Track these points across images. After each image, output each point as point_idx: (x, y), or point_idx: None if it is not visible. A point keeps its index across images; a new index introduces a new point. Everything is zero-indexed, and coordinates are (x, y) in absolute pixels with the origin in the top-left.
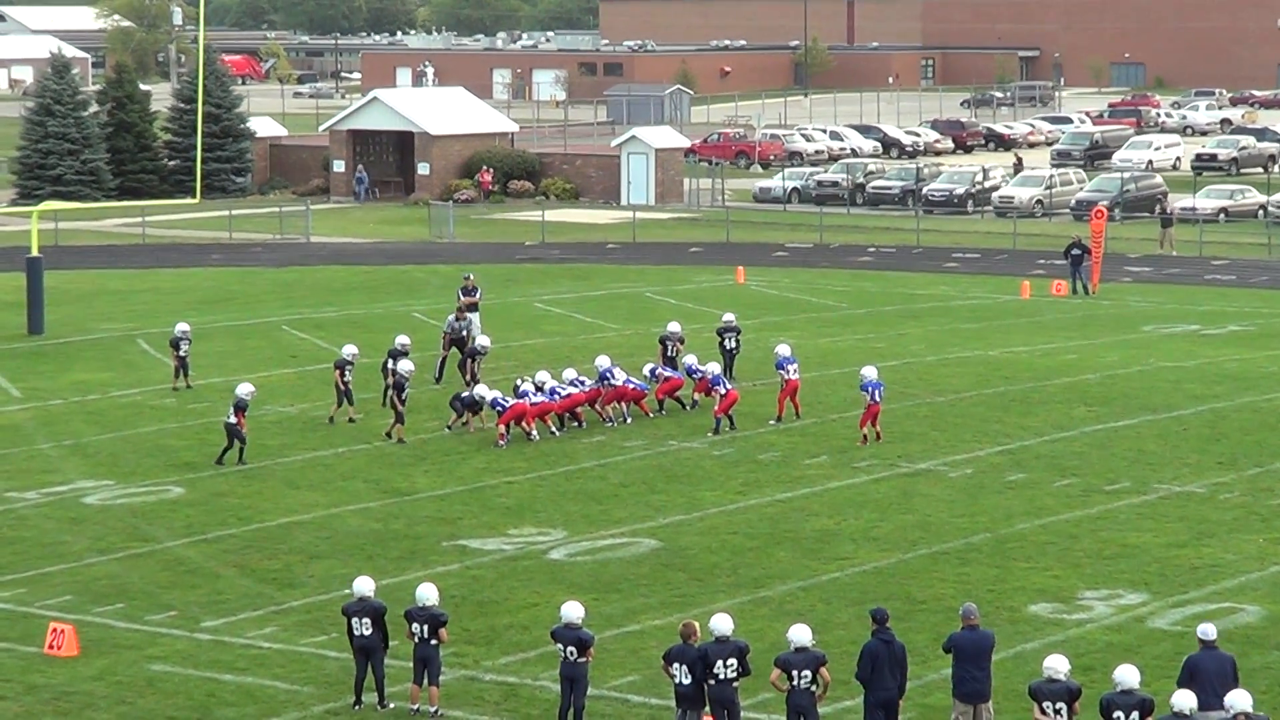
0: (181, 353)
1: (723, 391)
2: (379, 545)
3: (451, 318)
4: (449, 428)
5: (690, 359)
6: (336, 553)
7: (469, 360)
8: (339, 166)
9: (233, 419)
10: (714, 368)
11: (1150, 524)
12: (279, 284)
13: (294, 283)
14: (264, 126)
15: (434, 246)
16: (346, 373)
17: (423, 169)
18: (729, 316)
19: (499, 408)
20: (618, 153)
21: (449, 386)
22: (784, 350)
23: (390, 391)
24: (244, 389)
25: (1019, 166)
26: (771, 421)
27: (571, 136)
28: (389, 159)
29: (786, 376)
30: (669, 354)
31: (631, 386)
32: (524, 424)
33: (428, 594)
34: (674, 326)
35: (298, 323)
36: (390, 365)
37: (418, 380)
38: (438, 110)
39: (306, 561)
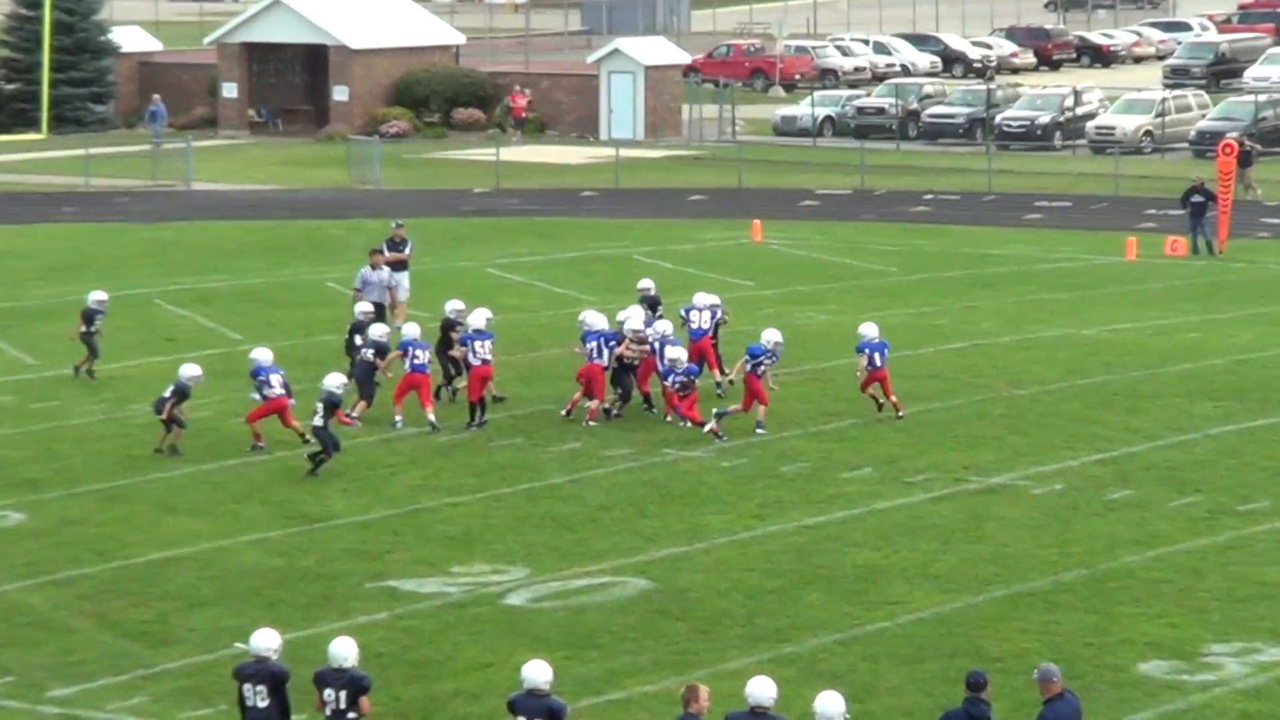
0: (93, 328)
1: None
2: (282, 588)
3: (365, 269)
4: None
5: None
6: (225, 598)
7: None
8: (230, 91)
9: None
10: (664, 326)
11: None
12: (152, 244)
13: (171, 243)
14: (131, 39)
15: (355, 195)
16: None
17: (340, 94)
18: (705, 296)
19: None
20: (596, 71)
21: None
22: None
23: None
24: (189, 371)
25: (991, 78)
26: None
27: (534, 51)
28: (295, 80)
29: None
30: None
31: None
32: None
33: (345, 651)
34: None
35: (176, 295)
36: (357, 341)
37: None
38: (359, 17)
39: (186, 610)
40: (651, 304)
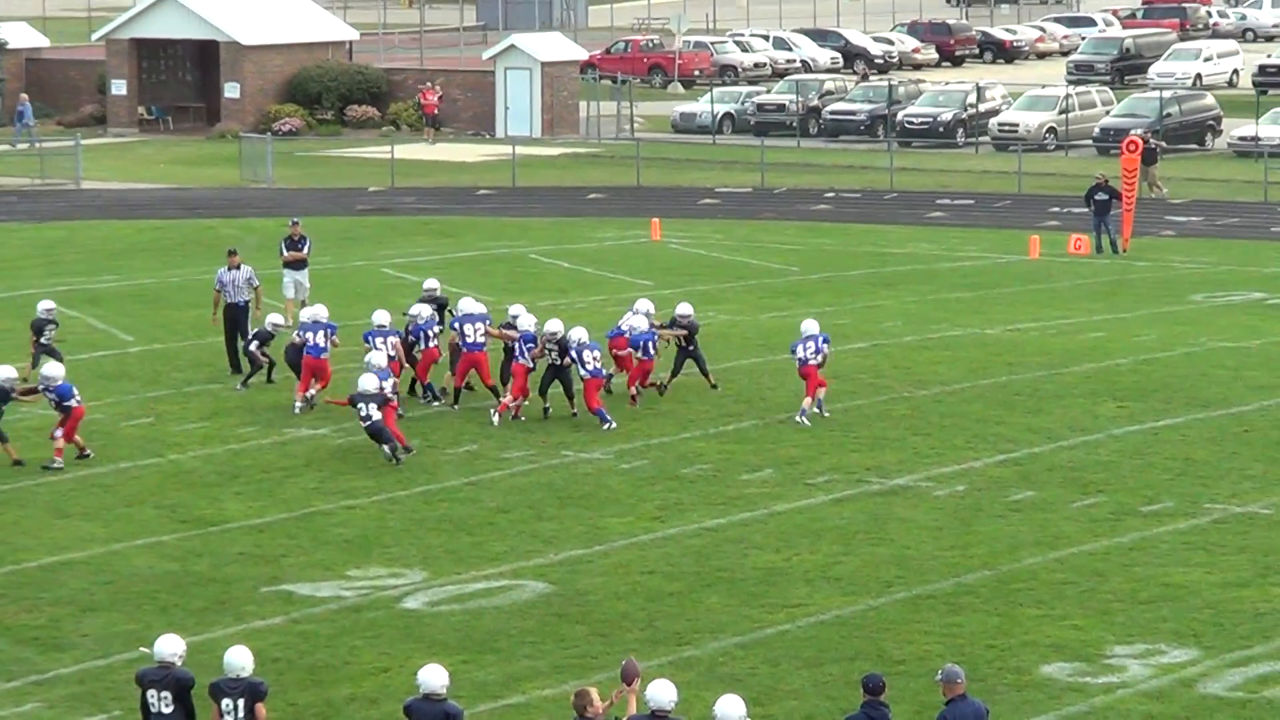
0: (45, 339)
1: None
2: (176, 592)
3: (223, 270)
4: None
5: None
6: (119, 603)
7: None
8: (119, 88)
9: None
10: (580, 332)
11: (1201, 556)
12: (39, 244)
13: (59, 242)
14: (18, 35)
15: (247, 193)
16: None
17: (231, 91)
18: (686, 308)
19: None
20: (491, 67)
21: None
22: (640, 324)
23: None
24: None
25: (865, 76)
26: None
27: (429, 47)
28: (186, 77)
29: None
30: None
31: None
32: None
33: (240, 659)
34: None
35: (65, 296)
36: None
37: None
38: (251, 13)
39: (78, 615)
40: (439, 305)
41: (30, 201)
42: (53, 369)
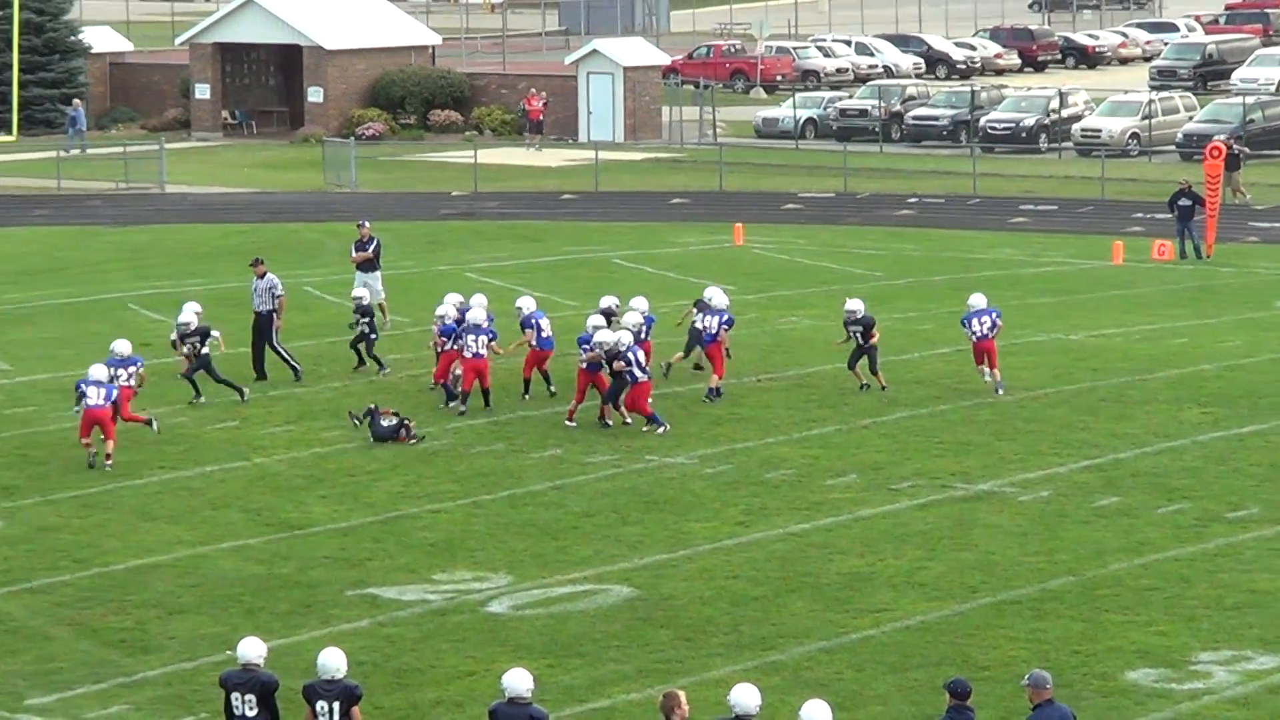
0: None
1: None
2: (262, 596)
3: (253, 278)
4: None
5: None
6: (205, 606)
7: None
8: (203, 92)
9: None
10: (626, 337)
11: None
12: (125, 248)
13: (144, 247)
14: (102, 39)
15: (330, 197)
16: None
17: (315, 95)
18: (855, 304)
19: None
20: (574, 72)
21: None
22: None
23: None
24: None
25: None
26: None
27: (512, 52)
28: (270, 82)
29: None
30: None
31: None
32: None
33: (335, 661)
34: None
35: (150, 300)
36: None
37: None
38: (334, 18)
39: (165, 618)
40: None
41: (114, 206)
42: (96, 369)
